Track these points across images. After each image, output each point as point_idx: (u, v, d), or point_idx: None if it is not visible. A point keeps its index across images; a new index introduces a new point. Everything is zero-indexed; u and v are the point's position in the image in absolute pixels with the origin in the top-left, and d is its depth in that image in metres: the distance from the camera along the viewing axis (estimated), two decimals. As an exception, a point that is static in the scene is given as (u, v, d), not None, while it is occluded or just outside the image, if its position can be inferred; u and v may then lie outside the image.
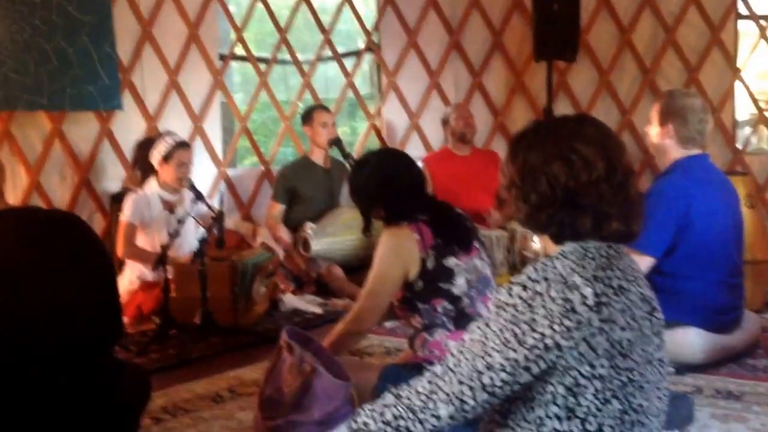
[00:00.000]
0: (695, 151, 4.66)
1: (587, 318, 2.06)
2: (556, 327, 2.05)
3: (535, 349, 2.05)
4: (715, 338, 4.59)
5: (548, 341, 2.05)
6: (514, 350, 2.05)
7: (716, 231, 4.57)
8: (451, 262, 3.60)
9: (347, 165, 7.03)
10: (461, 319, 3.57)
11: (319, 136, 7.04)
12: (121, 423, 3.26)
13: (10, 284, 2.97)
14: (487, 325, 2.10)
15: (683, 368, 4.52)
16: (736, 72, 7.95)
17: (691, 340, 4.51)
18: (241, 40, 7.59)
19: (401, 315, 3.74)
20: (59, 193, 6.60)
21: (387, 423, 2.10)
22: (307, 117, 7.12)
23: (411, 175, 3.77)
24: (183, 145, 6.15)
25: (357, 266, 6.36)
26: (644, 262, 4.35)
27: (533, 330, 2.05)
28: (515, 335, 2.06)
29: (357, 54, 8.34)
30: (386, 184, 3.69)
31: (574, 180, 2.15)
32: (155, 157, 6.05)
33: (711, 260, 4.55)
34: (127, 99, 6.82)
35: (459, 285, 3.60)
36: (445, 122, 7.63)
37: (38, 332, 2.98)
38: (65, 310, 3.03)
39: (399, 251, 3.59)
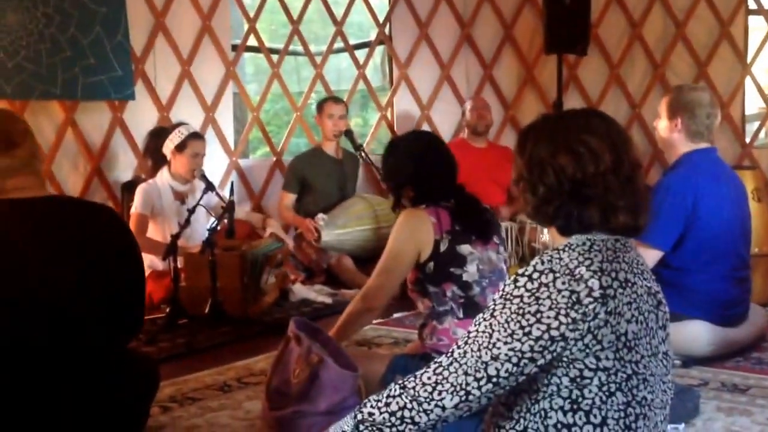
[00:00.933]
0: (703, 145, 4.64)
1: (593, 310, 2.06)
2: (562, 318, 2.04)
3: (541, 341, 2.04)
4: (721, 331, 4.57)
5: (554, 333, 2.04)
6: (520, 341, 2.04)
7: (723, 225, 4.55)
8: (464, 249, 3.60)
9: (359, 156, 7.03)
10: (470, 307, 3.58)
11: (325, 127, 7.06)
12: (132, 411, 3.27)
13: (35, 271, 2.98)
14: (493, 316, 2.09)
15: (689, 361, 4.51)
16: (745, 67, 7.91)
17: (697, 333, 4.50)
18: (254, 31, 7.57)
19: (413, 297, 3.76)
20: (71, 181, 6.60)
21: (392, 413, 2.09)
22: (319, 108, 7.14)
23: (445, 159, 3.78)
24: (197, 136, 6.16)
25: (367, 257, 6.35)
26: (651, 256, 4.34)
27: (539, 321, 2.04)
28: (521, 326, 2.05)
29: (369, 46, 8.31)
30: (421, 165, 3.70)
31: (581, 172, 2.14)
32: (168, 147, 6.05)
33: (718, 254, 4.54)
34: (139, 89, 6.80)
35: (470, 272, 3.60)
36: (463, 114, 7.68)
37: (62, 320, 2.99)
38: (93, 301, 3.04)
39: (413, 231, 3.61)
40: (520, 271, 2.13)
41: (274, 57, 7.71)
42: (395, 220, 3.73)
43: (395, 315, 5.57)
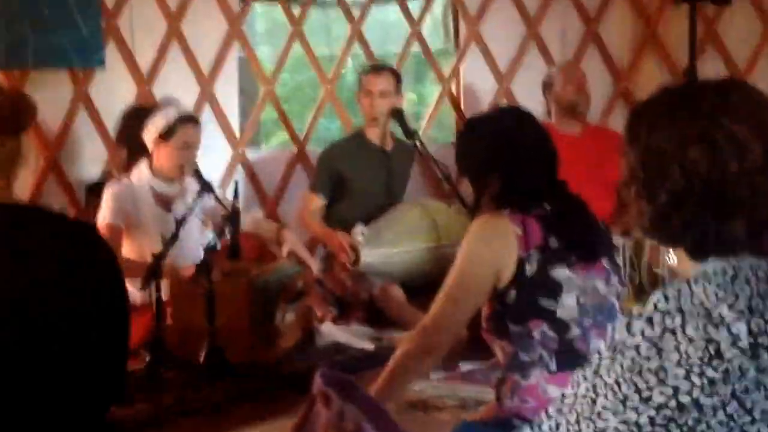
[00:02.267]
0: None
1: (739, 366, 2.02)
2: (694, 379, 2.02)
3: (665, 410, 2.02)
4: None
5: (683, 398, 2.02)
6: (636, 411, 2.03)
7: None
8: (560, 273, 3.60)
9: (414, 145, 7.01)
10: (567, 355, 3.57)
11: (363, 106, 7.07)
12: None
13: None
14: (598, 374, 2.07)
15: None
16: None
17: None
18: (268, -25, 7.63)
19: (488, 340, 3.76)
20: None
21: None
22: (358, 81, 7.14)
23: (540, 140, 3.81)
24: (189, 120, 6.18)
25: (423, 286, 6.33)
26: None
27: (662, 383, 2.02)
28: (637, 390, 2.03)
29: (426, -7, 8.34)
30: (508, 146, 3.74)
31: (719, 170, 2.11)
32: (150, 133, 6.08)
33: None
34: (111, 53, 6.87)
35: (567, 306, 3.60)
36: (547, 87, 7.62)
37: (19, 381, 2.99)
38: (41, 355, 3.04)
39: (491, 245, 3.62)
40: (636, 311, 2.10)
41: (296, 10, 7.73)
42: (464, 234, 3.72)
43: (463, 367, 5.55)
